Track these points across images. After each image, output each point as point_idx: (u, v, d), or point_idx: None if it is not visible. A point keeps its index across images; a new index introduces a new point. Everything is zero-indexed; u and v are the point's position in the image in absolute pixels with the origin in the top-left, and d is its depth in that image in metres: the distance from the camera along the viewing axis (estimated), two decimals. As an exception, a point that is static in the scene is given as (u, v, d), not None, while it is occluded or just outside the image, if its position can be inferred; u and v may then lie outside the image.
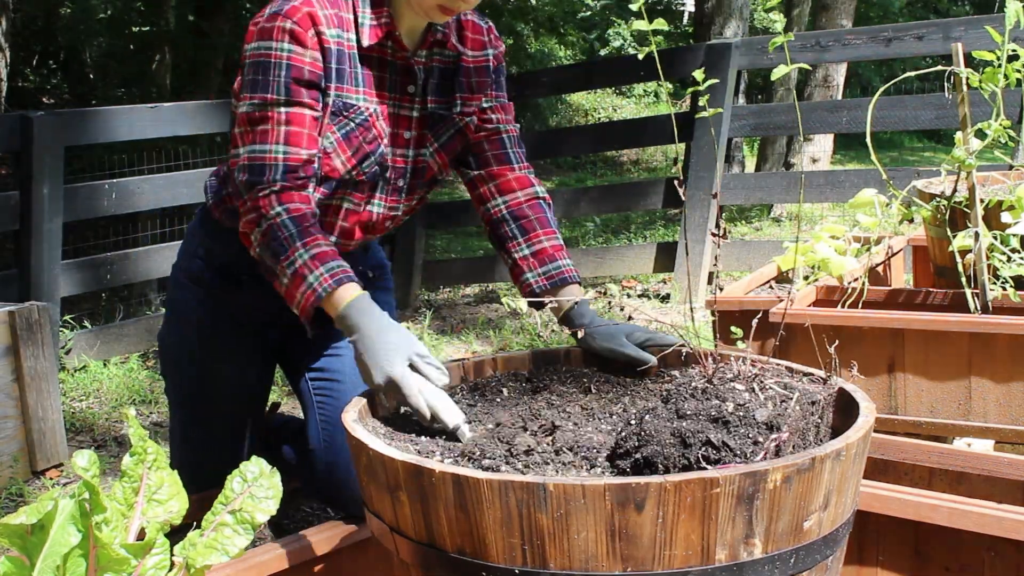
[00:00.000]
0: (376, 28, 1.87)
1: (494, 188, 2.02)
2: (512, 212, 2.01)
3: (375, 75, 1.91)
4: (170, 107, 5.75)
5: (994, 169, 3.32)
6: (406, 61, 1.92)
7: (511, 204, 2.01)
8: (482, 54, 2.02)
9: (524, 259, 1.97)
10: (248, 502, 1.50)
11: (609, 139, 7.68)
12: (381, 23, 1.87)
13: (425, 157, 2.00)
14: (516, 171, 2.04)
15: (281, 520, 2.32)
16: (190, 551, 1.47)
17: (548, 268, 1.95)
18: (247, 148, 1.82)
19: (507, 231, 2.00)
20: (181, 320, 2.13)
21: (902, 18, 17.12)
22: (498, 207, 2.01)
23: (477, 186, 2.04)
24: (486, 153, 2.03)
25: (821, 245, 3.10)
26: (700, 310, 5.46)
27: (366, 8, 1.87)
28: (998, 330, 2.45)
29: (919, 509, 1.82)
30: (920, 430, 2.57)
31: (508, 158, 2.04)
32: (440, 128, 2.00)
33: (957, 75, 2.57)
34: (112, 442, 4.13)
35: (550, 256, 1.97)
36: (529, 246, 1.98)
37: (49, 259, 4.93)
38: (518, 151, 2.06)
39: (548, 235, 1.99)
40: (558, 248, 1.98)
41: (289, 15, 1.79)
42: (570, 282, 1.94)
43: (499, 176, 2.03)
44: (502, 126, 2.05)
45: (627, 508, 1.24)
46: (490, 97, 2.04)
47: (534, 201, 2.02)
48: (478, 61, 2.02)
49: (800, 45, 5.83)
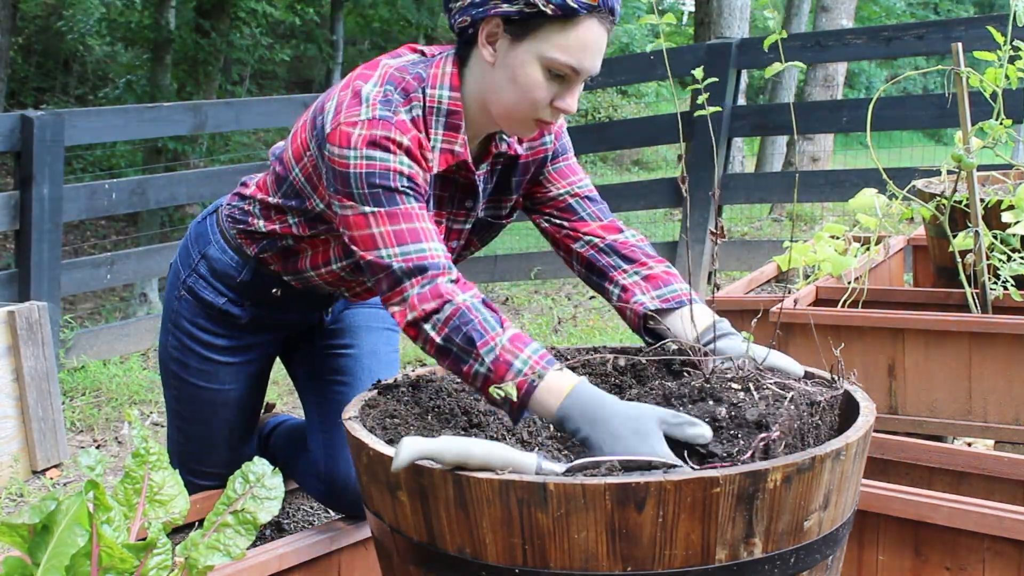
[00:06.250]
0: (447, 155, 1.71)
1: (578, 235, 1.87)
2: (610, 245, 1.85)
3: (437, 195, 1.77)
4: (170, 107, 5.76)
5: (994, 169, 3.32)
6: (471, 180, 1.78)
7: (606, 239, 1.86)
8: (539, 144, 1.86)
9: (635, 284, 1.80)
10: (250, 503, 1.51)
11: (609, 139, 7.68)
12: (454, 150, 1.71)
13: (464, 255, 1.94)
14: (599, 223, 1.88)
15: (281, 520, 2.32)
16: (192, 551, 1.47)
17: (663, 291, 1.78)
18: (399, 248, 1.60)
19: (609, 262, 1.84)
20: (180, 331, 2.10)
21: (903, 18, 17.13)
22: (593, 242, 1.86)
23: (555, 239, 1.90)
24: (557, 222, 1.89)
25: (821, 245, 3.11)
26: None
27: (439, 130, 1.70)
28: (998, 330, 2.45)
29: (919, 509, 1.83)
30: (920, 430, 2.58)
31: (582, 219, 1.88)
32: (486, 232, 1.91)
33: (957, 75, 2.57)
34: (112, 442, 4.13)
35: (664, 280, 1.79)
36: (637, 272, 1.82)
37: (49, 259, 4.94)
38: (592, 209, 1.88)
39: (658, 263, 1.83)
40: (671, 273, 1.81)
41: (401, 130, 1.63)
42: (687, 304, 1.75)
43: (580, 227, 1.87)
44: (564, 192, 1.88)
45: (627, 508, 1.24)
46: (547, 168, 1.88)
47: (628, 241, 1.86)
48: (535, 154, 1.85)
49: (800, 45, 5.84)
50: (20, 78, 12.63)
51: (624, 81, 8.29)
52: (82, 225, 9.80)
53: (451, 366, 1.57)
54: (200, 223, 2.09)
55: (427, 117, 1.69)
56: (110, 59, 13.90)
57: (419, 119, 1.68)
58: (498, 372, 1.51)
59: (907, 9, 20.57)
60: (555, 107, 1.64)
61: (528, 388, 1.48)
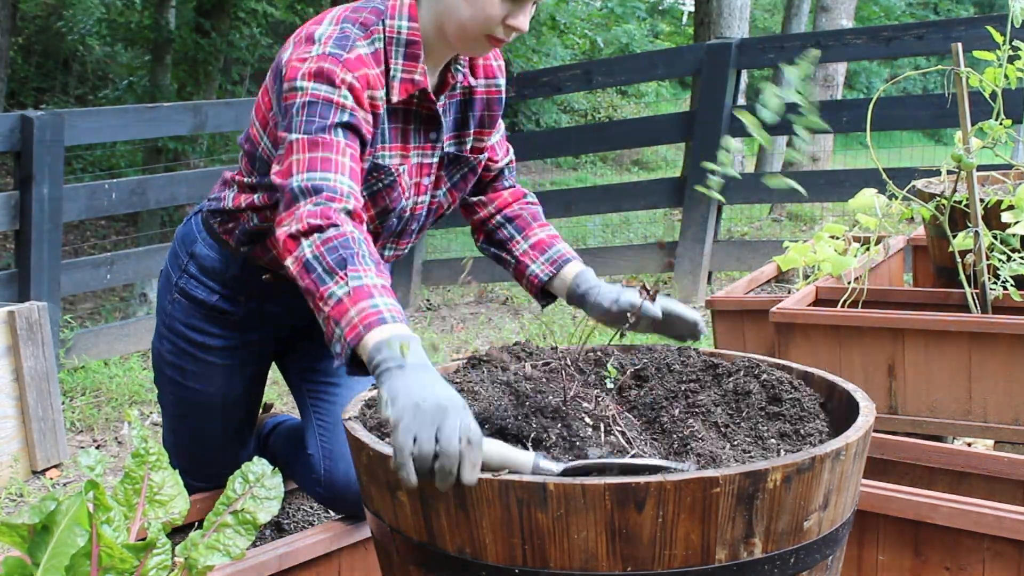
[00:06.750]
0: (407, 84, 1.79)
1: (492, 208, 2.05)
2: (506, 215, 2.03)
3: (400, 128, 1.84)
4: (170, 107, 5.76)
5: (994, 169, 3.32)
6: (432, 111, 1.86)
7: (504, 211, 2.04)
8: (493, 84, 1.96)
9: (525, 253, 1.98)
10: (250, 503, 1.51)
11: (609, 139, 7.68)
12: (415, 79, 1.79)
13: (439, 198, 1.97)
14: (509, 189, 2.07)
15: (281, 520, 2.32)
16: (192, 551, 1.47)
17: (549, 254, 1.96)
18: (307, 173, 1.63)
19: (505, 233, 2.02)
20: (175, 333, 2.10)
21: (903, 18, 17.14)
22: (492, 216, 2.04)
23: (476, 211, 2.06)
24: (484, 183, 2.06)
25: (821, 245, 3.11)
26: (701, 310, 5.45)
27: (399, 60, 1.78)
28: (998, 330, 2.45)
29: (919, 509, 1.83)
30: (920, 430, 2.58)
31: (504, 186, 2.07)
32: (453, 168, 1.96)
33: (957, 75, 2.57)
34: (112, 442, 4.13)
35: (548, 243, 1.98)
36: (526, 240, 2.00)
37: (49, 259, 4.94)
38: (511, 178, 2.09)
39: (542, 227, 2.02)
40: (554, 236, 2.01)
41: (349, 68, 1.70)
42: (571, 260, 1.95)
43: (495, 197, 2.06)
44: (503, 161, 2.05)
45: (627, 508, 1.24)
46: (497, 130, 2.01)
47: (525, 204, 2.05)
48: (490, 92, 1.96)
49: (800, 45, 5.83)
50: (20, 78, 12.62)
51: (624, 81, 8.28)
52: (82, 225, 9.80)
53: (309, 285, 1.53)
54: (185, 225, 2.10)
55: (387, 48, 1.77)
56: (110, 59, 13.89)
57: (379, 52, 1.75)
58: (355, 297, 1.47)
59: (907, 9, 20.58)
60: (507, 25, 1.72)
61: (377, 320, 1.44)
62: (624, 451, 1.44)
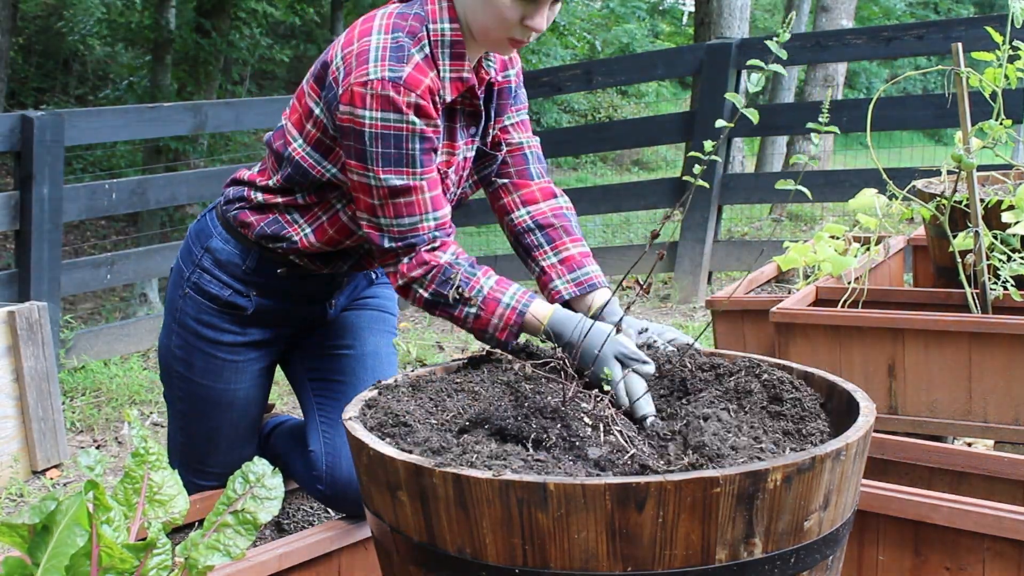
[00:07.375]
0: (457, 83, 1.82)
1: (518, 199, 2.01)
2: (537, 221, 1.99)
3: (447, 126, 1.88)
4: (170, 107, 5.76)
5: (994, 169, 3.32)
6: (475, 106, 1.90)
7: (535, 214, 1.99)
8: (505, 74, 1.99)
9: (552, 267, 1.95)
10: (250, 503, 1.51)
11: (609, 139, 7.68)
12: (463, 76, 1.83)
13: (465, 190, 2.01)
14: (539, 183, 2.03)
15: (281, 520, 2.32)
16: (192, 551, 1.47)
17: (577, 275, 1.93)
18: (395, 221, 1.79)
19: (533, 240, 1.98)
20: (185, 328, 2.11)
21: (903, 18, 17.14)
22: (522, 218, 2.00)
23: (500, 197, 2.03)
24: (508, 168, 2.03)
25: (821, 245, 3.11)
26: (701, 310, 5.46)
27: (446, 61, 1.81)
28: (998, 330, 2.45)
29: (919, 509, 1.83)
30: (920, 430, 2.58)
31: (530, 173, 2.03)
32: (479, 161, 1.99)
33: (957, 75, 2.57)
34: (112, 442, 4.13)
35: (578, 263, 1.95)
36: (556, 254, 1.96)
37: (49, 259, 4.94)
38: (539, 166, 2.05)
39: (574, 242, 1.98)
40: (585, 255, 1.97)
41: (411, 87, 1.73)
42: (599, 287, 1.93)
43: (522, 187, 2.02)
44: (524, 141, 2.03)
45: (627, 508, 1.24)
46: (511, 113, 2.02)
47: (559, 210, 2.01)
48: (504, 82, 1.98)
49: (800, 45, 5.83)
50: (20, 78, 12.62)
51: (624, 81, 8.29)
52: (82, 225, 9.80)
53: (442, 314, 1.82)
54: (199, 221, 2.12)
55: (433, 51, 1.80)
56: (110, 59, 13.90)
57: (429, 57, 1.79)
58: (488, 309, 1.76)
59: (907, 9, 20.57)
60: (525, 25, 1.75)
61: (517, 316, 1.75)
62: (624, 451, 1.44)
